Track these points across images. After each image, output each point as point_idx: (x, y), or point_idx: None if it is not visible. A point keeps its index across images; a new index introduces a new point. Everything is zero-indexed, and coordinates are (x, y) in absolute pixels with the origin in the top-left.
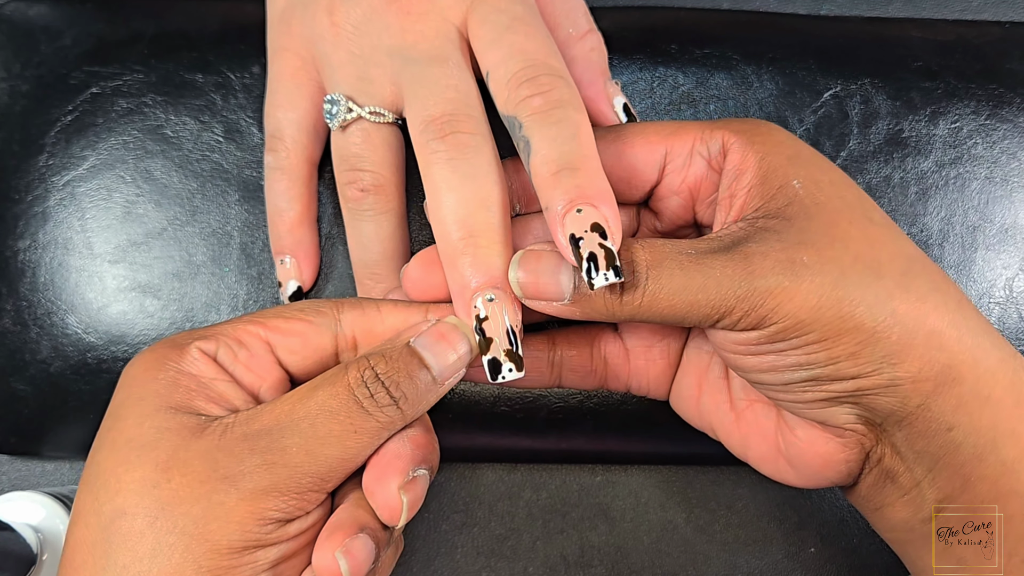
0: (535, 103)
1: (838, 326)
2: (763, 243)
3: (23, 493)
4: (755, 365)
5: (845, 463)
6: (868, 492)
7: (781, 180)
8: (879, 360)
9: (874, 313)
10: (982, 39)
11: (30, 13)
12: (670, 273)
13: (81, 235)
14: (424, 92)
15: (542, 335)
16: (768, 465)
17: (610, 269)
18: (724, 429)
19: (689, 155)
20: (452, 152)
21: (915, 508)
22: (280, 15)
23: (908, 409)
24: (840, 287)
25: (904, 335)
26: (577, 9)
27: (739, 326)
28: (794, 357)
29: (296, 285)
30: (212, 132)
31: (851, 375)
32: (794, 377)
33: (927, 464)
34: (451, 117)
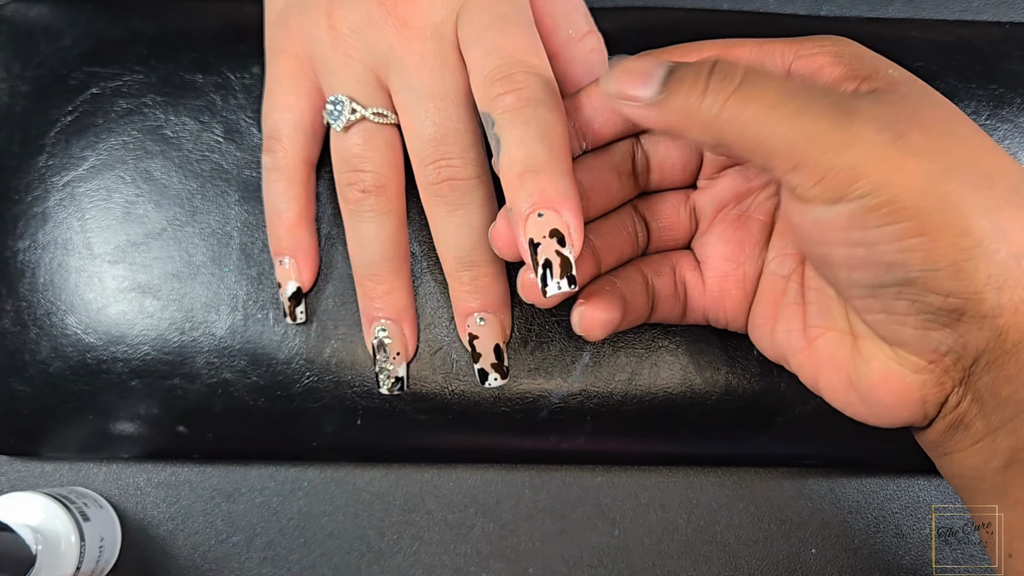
0: (507, 101)
1: (942, 221)
2: (874, 104)
3: (22, 494)
4: (844, 259)
5: (921, 403)
6: (939, 437)
7: (870, 68)
8: (983, 279)
9: (984, 219)
10: (982, 40)
11: (30, 14)
12: (766, 84)
13: (81, 235)
14: (420, 128)
15: (631, 268)
16: (839, 397)
17: (564, 278)
18: (796, 358)
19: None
20: (449, 196)
21: (988, 456)
22: (278, 16)
23: (1004, 347)
24: (949, 179)
25: (1009, 256)
26: (577, 10)
27: (822, 185)
28: (887, 251)
29: (295, 286)
30: (212, 132)
31: (948, 290)
32: (887, 278)
33: (1008, 412)
34: (446, 162)
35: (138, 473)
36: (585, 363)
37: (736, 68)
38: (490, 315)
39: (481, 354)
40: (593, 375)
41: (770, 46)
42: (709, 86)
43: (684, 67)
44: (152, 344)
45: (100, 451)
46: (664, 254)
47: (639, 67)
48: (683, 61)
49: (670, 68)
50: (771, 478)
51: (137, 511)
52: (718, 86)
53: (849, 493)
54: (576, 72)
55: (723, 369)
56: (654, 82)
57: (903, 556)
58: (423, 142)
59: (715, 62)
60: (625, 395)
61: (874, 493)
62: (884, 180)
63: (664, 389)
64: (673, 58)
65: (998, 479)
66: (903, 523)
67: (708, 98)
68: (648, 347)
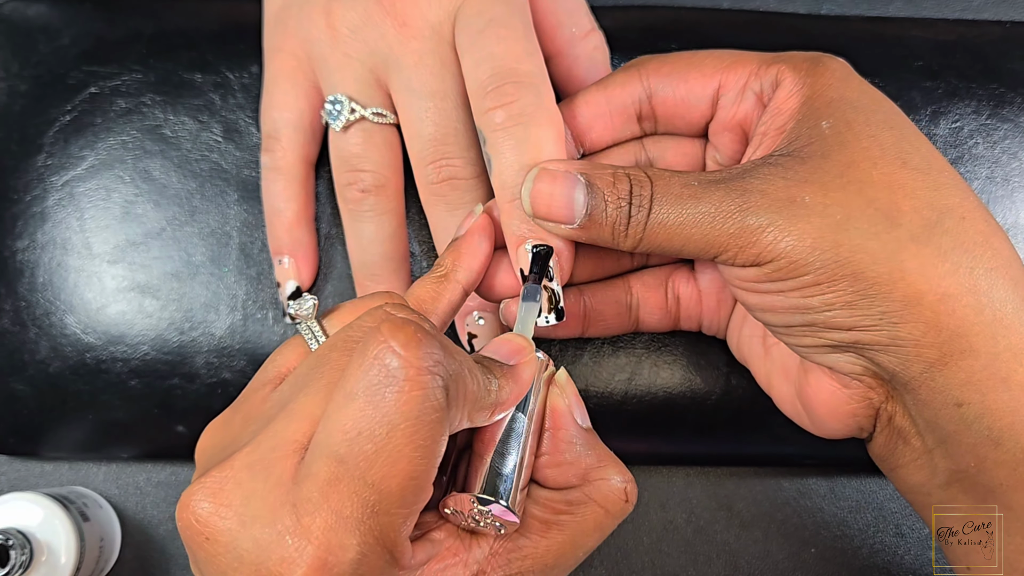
0: (497, 118)
1: (833, 271)
2: (765, 180)
3: (22, 494)
4: (757, 303)
5: (852, 416)
6: (882, 451)
7: (813, 122)
8: (878, 315)
9: (877, 264)
10: (983, 39)
11: (29, 13)
12: (669, 206)
13: (80, 235)
14: (420, 128)
15: (618, 281)
16: (787, 406)
17: (552, 312)
18: (754, 363)
19: (741, 91)
20: (449, 195)
21: (929, 473)
22: (276, 15)
23: (911, 374)
24: (842, 230)
25: (909, 295)
26: (579, 9)
27: (737, 262)
28: (792, 299)
29: (295, 285)
30: (211, 132)
31: (847, 326)
32: (793, 320)
33: (937, 436)
34: (446, 161)
35: (138, 473)
36: (585, 363)
37: (645, 187)
38: (489, 314)
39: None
40: (593, 375)
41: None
42: (631, 214)
43: (602, 192)
44: (151, 344)
45: (100, 451)
46: (657, 268)
47: (563, 191)
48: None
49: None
50: (771, 478)
51: (137, 511)
52: (635, 218)
53: (849, 493)
54: (580, 70)
55: (723, 369)
56: (578, 204)
57: (903, 556)
58: (423, 141)
59: (630, 187)
60: (625, 395)
61: (874, 493)
62: (780, 246)
63: (664, 389)
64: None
65: (943, 495)
66: (903, 523)
67: (630, 229)
68: (648, 347)
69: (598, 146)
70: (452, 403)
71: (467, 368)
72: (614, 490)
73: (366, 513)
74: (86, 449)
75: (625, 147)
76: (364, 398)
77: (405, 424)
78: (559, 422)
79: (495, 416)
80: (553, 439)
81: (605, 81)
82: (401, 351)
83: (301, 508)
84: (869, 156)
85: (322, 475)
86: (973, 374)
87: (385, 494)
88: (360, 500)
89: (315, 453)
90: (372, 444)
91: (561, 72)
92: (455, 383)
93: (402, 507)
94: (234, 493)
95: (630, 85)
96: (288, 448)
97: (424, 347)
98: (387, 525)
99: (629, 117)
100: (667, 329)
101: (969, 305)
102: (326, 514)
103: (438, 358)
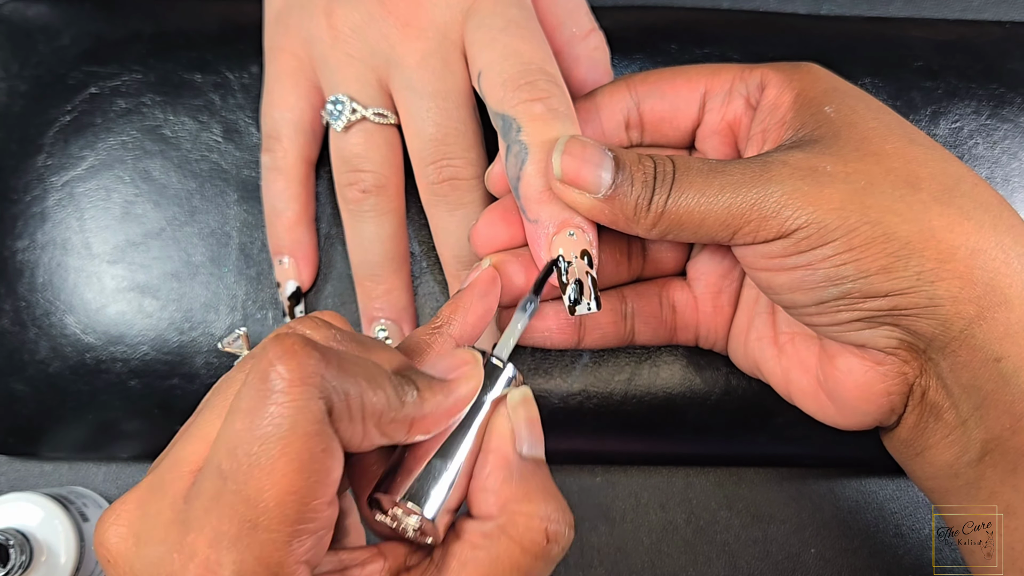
0: (536, 109)
1: (866, 233)
2: (785, 153)
3: (21, 494)
4: (786, 283)
5: (887, 395)
6: (910, 434)
7: (815, 109)
8: (914, 276)
9: (907, 224)
10: (983, 39)
11: (28, 13)
12: (691, 182)
13: (79, 235)
14: (421, 128)
15: (613, 291)
16: (810, 401)
17: (592, 299)
18: (767, 365)
19: (728, 93)
20: (450, 195)
21: (961, 449)
22: (277, 15)
23: (951, 334)
24: (868, 194)
25: (942, 251)
26: (579, 9)
27: (759, 238)
28: (823, 270)
29: (295, 286)
30: (211, 132)
31: (884, 291)
32: (826, 295)
33: (974, 400)
34: (447, 162)
35: (138, 473)
36: (585, 363)
37: (667, 165)
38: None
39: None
40: (593, 375)
41: (749, 74)
42: (655, 189)
43: (628, 167)
44: (151, 344)
45: (99, 451)
46: (651, 280)
47: (593, 158)
48: (624, 152)
49: (615, 162)
50: (771, 478)
51: None
52: (659, 188)
53: (849, 493)
54: (580, 70)
55: (723, 369)
56: (605, 174)
57: (903, 556)
58: (424, 142)
59: (655, 166)
60: (625, 395)
61: (874, 493)
62: (806, 212)
63: (664, 389)
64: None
65: (972, 474)
66: (903, 523)
67: (654, 200)
68: (648, 347)
69: None
70: (342, 417)
71: (367, 381)
72: (532, 527)
73: (243, 529)
74: (86, 449)
75: None
76: (244, 413)
77: (277, 436)
78: (492, 444)
79: (419, 432)
80: (482, 463)
81: (594, 92)
82: (278, 365)
83: (188, 525)
84: (879, 134)
85: (207, 491)
86: (1010, 326)
87: (262, 510)
88: (238, 516)
89: (204, 471)
90: (247, 458)
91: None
92: (344, 397)
93: (283, 524)
94: (133, 515)
95: (618, 94)
96: (183, 468)
97: (300, 359)
98: (267, 543)
99: (618, 125)
100: (663, 343)
101: (998, 259)
102: (208, 530)
103: (315, 370)
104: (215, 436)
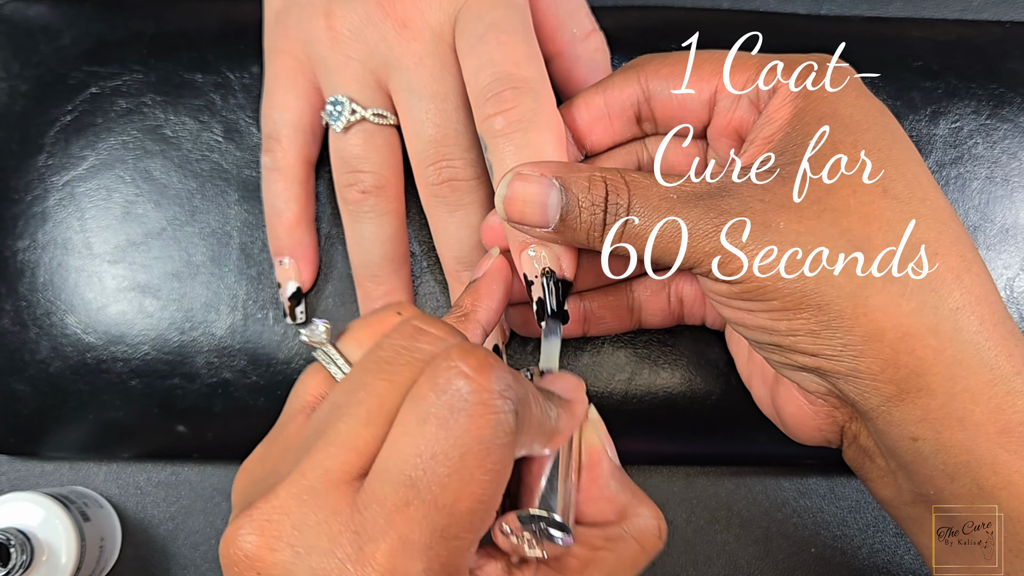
0: (497, 125)
1: (799, 299)
2: (743, 201)
3: (22, 494)
4: (730, 316)
5: (818, 430)
6: (852, 463)
7: (801, 139)
8: (839, 347)
9: (843, 299)
10: (983, 39)
11: (29, 13)
12: (647, 215)
13: (80, 235)
14: (420, 129)
15: (620, 286)
16: (766, 408)
17: (554, 319)
18: (739, 363)
19: (737, 96)
20: (449, 196)
21: (895, 491)
22: (276, 16)
23: (869, 405)
24: (816, 260)
25: (871, 330)
26: (580, 9)
27: (711, 277)
28: (760, 319)
29: (295, 286)
30: (211, 132)
31: (811, 352)
32: (761, 338)
33: (897, 462)
34: (446, 163)
35: (138, 473)
36: (585, 363)
37: (622, 191)
38: None
39: None
40: (593, 375)
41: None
42: (607, 215)
43: (576, 196)
44: (152, 344)
45: (100, 451)
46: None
47: (534, 194)
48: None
49: (562, 193)
50: (771, 478)
51: (137, 511)
52: (611, 214)
53: (849, 493)
54: (581, 70)
55: (723, 369)
56: (551, 209)
57: (903, 556)
58: (423, 143)
59: (606, 193)
60: (625, 395)
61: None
62: (751, 269)
63: (664, 389)
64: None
65: (912, 512)
66: None
67: (606, 235)
68: (648, 347)
69: (599, 148)
70: (520, 428)
71: (532, 394)
72: (650, 527)
73: (435, 538)
74: (86, 449)
75: (627, 148)
76: (436, 422)
77: (478, 447)
78: (595, 459)
79: (551, 446)
80: (589, 475)
81: (603, 83)
82: (472, 375)
83: (363, 535)
84: (850, 183)
85: (390, 500)
86: (929, 412)
87: (456, 518)
88: (430, 524)
89: (382, 478)
90: (446, 467)
91: (562, 73)
92: (523, 408)
93: (469, 531)
94: (284, 524)
95: (628, 87)
96: (338, 476)
97: (495, 371)
98: (454, 550)
99: (629, 119)
100: (670, 325)
101: (929, 345)
102: (391, 540)
103: (508, 382)
104: (388, 442)
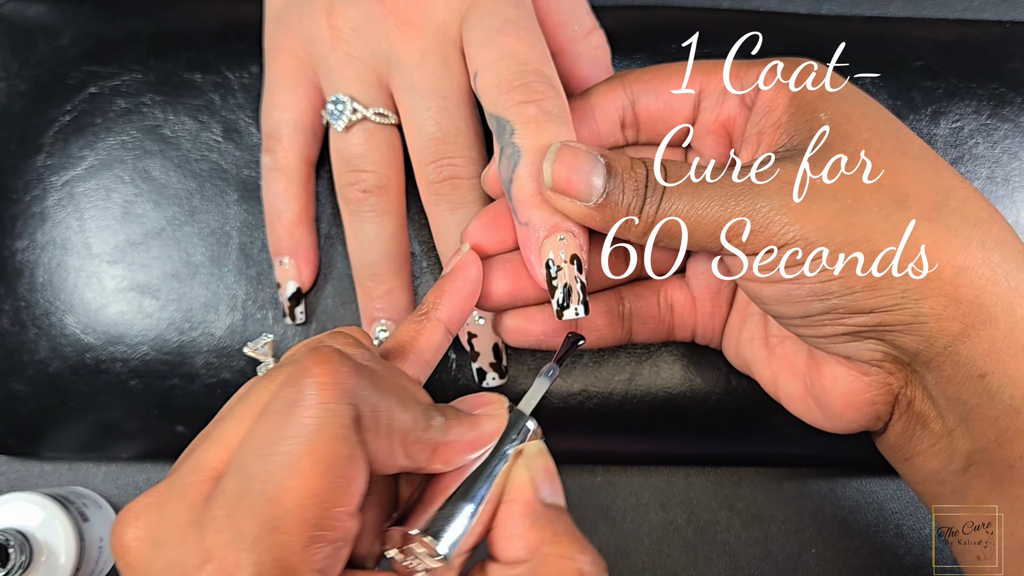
0: (529, 112)
1: (851, 251)
2: (777, 165)
3: (21, 494)
4: (773, 295)
5: (871, 404)
6: (897, 440)
7: (809, 115)
8: (899, 293)
9: (891, 242)
10: (983, 39)
11: (28, 13)
12: (683, 189)
13: (79, 235)
14: (421, 127)
15: (610, 292)
16: (797, 404)
17: (580, 304)
18: (757, 366)
19: (722, 92)
20: (450, 195)
21: (947, 458)
22: (277, 15)
23: (935, 350)
24: (855, 212)
25: (928, 269)
26: (581, 7)
27: (748, 249)
28: (809, 285)
29: (295, 286)
30: (211, 132)
31: (869, 308)
32: (811, 309)
33: (960, 412)
34: (448, 161)
35: (138, 473)
36: (585, 363)
37: (660, 172)
38: (489, 314)
39: (480, 353)
40: (593, 375)
41: (746, 72)
42: (646, 197)
43: (620, 174)
44: (151, 344)
45: (99, 451)
46: (648, 279)
47: (584, 167)
48: (617, 157)
49: (607, 169)
50: (771, 478)
51: None
52: (651, 195)
53: (849, 493)
54: (582, 68)
55: (723, 369)
56: (596, 182)
57: (903, 556)
58: (425, 141)
59: (647, 173)
60: (625, 395)
61: (874, 493)
62: (793, 228)
63: (664, 389)
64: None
65: (958, 482)
66: (903, 523)
67: (644, 209)
68: (648, 347)
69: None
70: (369, 428)
71: (396, 398)
72: (564, 568)
73: (264, 531)
74: (86, 449)
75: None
76: (275, 416)
77: (305, 437)
78: (514, 494)
79: (441, 459)
80: (506, 510)
81: (589, 91)
82: (316, 372)
83: (206, 527)
84: (871, 145)
85: (231, 492)
86: (995, 343)
87: (283, 510)
88: (259, 516)
89: (227, 474)
90: (273, 457)
91: (563, 70)
92: (373, 408)
93: (303, 528)
94: (152, 517)
95: (613, 93)
96: (203, 473)
97: (333, 365)
98: (285, 546)
99: (613, 124)
100: (660, 340)
101: (985, 276)
102: (228, 532)
103: (346, 378)
104: (239, 441)
